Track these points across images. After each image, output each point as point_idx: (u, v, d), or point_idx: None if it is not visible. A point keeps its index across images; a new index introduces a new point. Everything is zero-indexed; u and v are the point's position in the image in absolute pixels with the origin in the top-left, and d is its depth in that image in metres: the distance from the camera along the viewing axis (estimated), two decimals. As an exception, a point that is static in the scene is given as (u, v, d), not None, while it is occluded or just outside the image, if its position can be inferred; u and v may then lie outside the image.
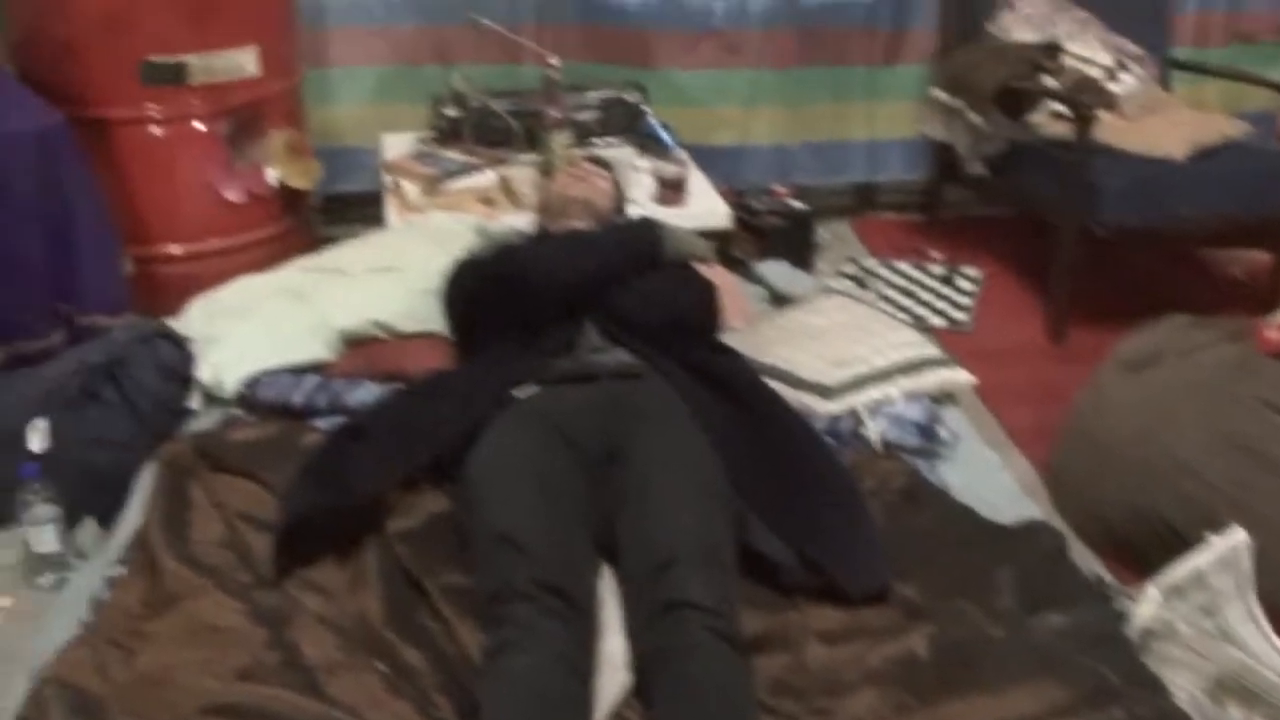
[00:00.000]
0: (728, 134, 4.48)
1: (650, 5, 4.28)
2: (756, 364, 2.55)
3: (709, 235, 3.42)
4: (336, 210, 4.26)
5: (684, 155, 3.72)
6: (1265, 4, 4.80)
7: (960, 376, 2.70)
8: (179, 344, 2.64)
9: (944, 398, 2.67)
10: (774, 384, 2.52)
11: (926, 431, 2.49)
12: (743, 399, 2.30)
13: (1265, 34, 4.86)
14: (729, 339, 2.60)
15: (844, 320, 2.81)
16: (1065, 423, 3.03)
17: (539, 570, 1.78)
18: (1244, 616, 1.92)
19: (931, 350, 2.73)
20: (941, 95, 4.11)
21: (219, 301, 2.73)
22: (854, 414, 2.50)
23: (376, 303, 2.69)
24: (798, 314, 2.89)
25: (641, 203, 3.36)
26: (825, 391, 2.52)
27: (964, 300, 4.09)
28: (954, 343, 3.77)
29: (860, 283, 4.13)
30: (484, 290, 2.47)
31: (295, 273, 2.87)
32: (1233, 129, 3.99)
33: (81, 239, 2.89)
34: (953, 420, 2.60)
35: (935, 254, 4.43)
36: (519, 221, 3.17)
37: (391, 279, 2.77)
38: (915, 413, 2.52)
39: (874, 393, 2.54)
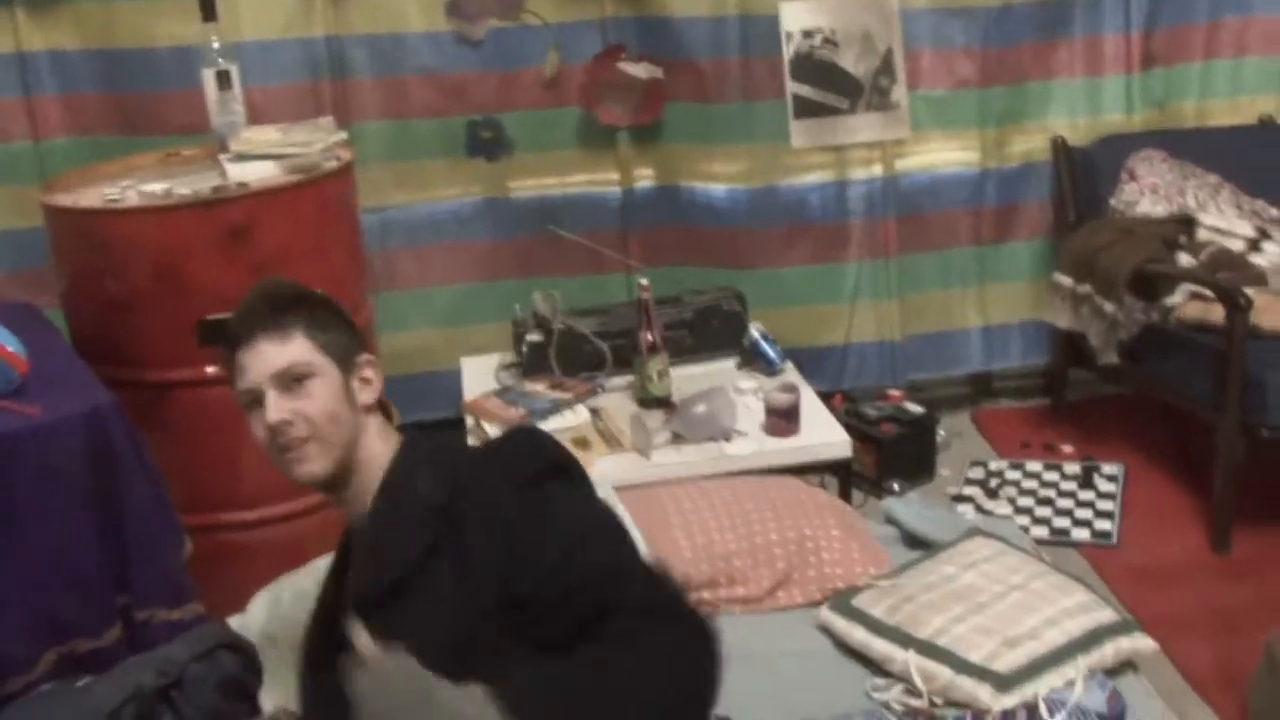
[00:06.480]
0: (832, 333, 4.14)
1: (741, 201, 3.98)
2: (909, 639, 2.24)
3: (827, 467, 3.10)
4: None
5: (793, 373, 3.40)
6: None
7: (1142, 644, 2.33)
8: (242, 651, 2.32)
9: (1122, 667, 2.30)
10: (930, 665, 2.20)
11: (1111, 724, 2.10)
12: None
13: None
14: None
15: (1000, 576, 2.43)
16: (1259, 676, 2.62)
17: None
18: None
19: (1107, 614, 2.35)
20: (1066, 281, 3.74)
21: (280, 600, 2.41)
22: (1031, 709, 2.11)
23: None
24: (945, 567, 2.51)
25: (749, 432, 3.04)
26: (1000, 681, 2.14)
27: (1106, 505, 3.68)
28: (1102, 560, 3.39)
29: (990, 491, 3.75)
30: None
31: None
32: (1398, 297, 3.54)
33: (137, 527, 2.58)
34: (1133, 692, 2.22)
35: (1067, 449, 4.03)
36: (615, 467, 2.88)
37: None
38: (1096, 701, 2.13)
39: (1053, 678, 2.17)
